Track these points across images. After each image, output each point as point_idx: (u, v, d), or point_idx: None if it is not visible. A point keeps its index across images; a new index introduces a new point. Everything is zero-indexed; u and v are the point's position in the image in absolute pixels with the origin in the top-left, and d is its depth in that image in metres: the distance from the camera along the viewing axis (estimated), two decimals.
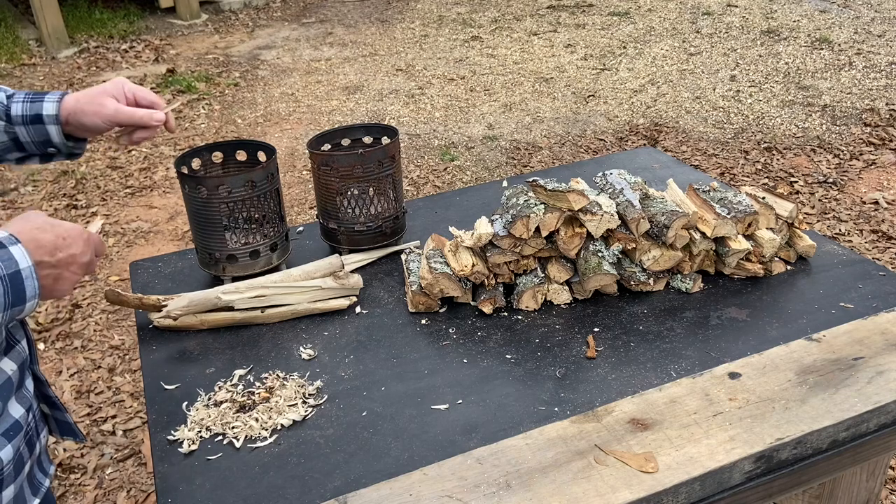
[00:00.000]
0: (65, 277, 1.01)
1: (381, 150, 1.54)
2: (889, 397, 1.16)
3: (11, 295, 0.91)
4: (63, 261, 1.01)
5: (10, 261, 0.91)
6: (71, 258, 1.02)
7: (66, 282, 1.02)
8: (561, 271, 1.43)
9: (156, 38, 6.49)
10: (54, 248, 1.00)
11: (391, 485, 1.04)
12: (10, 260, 0.91)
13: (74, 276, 1.03)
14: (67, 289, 1.03)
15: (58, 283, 1.00)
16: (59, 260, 1.00)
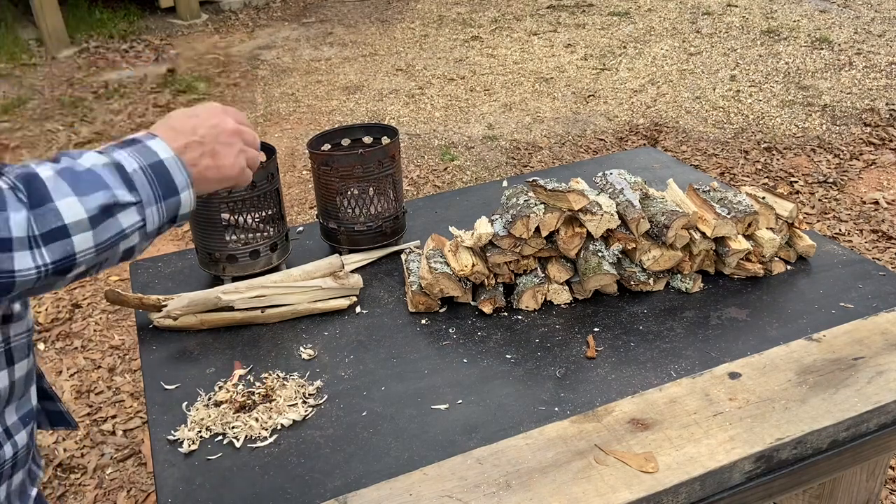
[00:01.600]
0: (221, 152, 0.95)
1: (381, 150, 1.54)
2: (889, 397, 1.16)
3: (160, 186, 0.84)
4: (209, 134, 0.95)
5: (149, 152, 0.85)
6: (214, 128, 0.96)
7: (225, 155, 0.96)
8: (561, 271, 1.43)
9: (156, 38, 6.49)
10: (193, 127, 0.95)
11: (391, 485, 1.04)
12: (148, 151, 0.85)
13: (230, 148, 0.97)
14: (232, 162, 0.97)
15: (217, 157, 0.95)
16: (205, 135, 0.94)
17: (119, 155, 0.83)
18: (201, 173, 0.93)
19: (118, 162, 0.82)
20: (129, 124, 4.78)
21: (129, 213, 0.81)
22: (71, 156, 0.82)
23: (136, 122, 4.80)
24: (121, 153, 0.84)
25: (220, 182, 0.96)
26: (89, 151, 0.83)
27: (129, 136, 0.89)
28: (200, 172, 0.93)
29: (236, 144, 0.98)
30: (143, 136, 0.89)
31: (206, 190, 0.96)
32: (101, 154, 0.83)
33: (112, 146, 0.86)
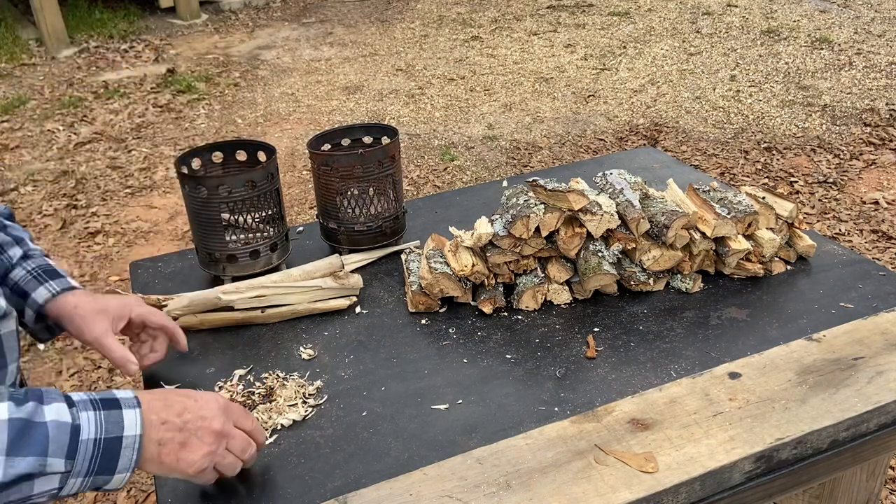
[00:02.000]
0: (192, 445, 0.92)
1: (381, 150, 1.54)
2: (889, 397, 1.16)
3: (99, 462, 0.83)
4: (191, 423, 0.93)
5: (117, 426, 0.85)
6: (201, 420, 0.93)
7: (193, 450, 0.92)
8: (561, 271, 1.43)
9: (156, 38, 6.49)
10: (183, 408, 0.93)
11: (391, 485, 1.04)
12: (116, 425, 0.85)
13: (205, 446, 0.93)
14: (196, 460, 0.93)
15: (184, 449, 0.92)
16: (186, 421, 0.92)
17: (85, 416, 0.83)
18: (160, 455, 0.91)
19: (77, 425, 0.82)
20: (129, 124, 4.78)
21: (49, 479, 0.81)
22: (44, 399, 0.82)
23: (136, 122, 4.80)
24: (88, 415, 0.84)
25: (171, 471, 0.93)
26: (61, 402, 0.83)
27: (117, 394, 0.89)
28: (160, 454, 0.91)
29: (210, 446, 0.95)
30: (128, 399, 0.89)
31: (156, 473, 0.94)
32: (70, 408, 0.83)
33: (91, 399, 0.86)
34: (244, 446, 1.00)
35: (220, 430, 0.96)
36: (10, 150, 4.47)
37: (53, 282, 1.19)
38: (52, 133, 4.69)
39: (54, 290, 1.18)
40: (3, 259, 1.19)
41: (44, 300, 1.17)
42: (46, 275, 1.19)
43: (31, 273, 1.19)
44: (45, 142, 4.57)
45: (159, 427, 0.91)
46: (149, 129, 4.74)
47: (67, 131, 4.71)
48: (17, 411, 0.80)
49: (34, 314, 1.18)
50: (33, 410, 0.81)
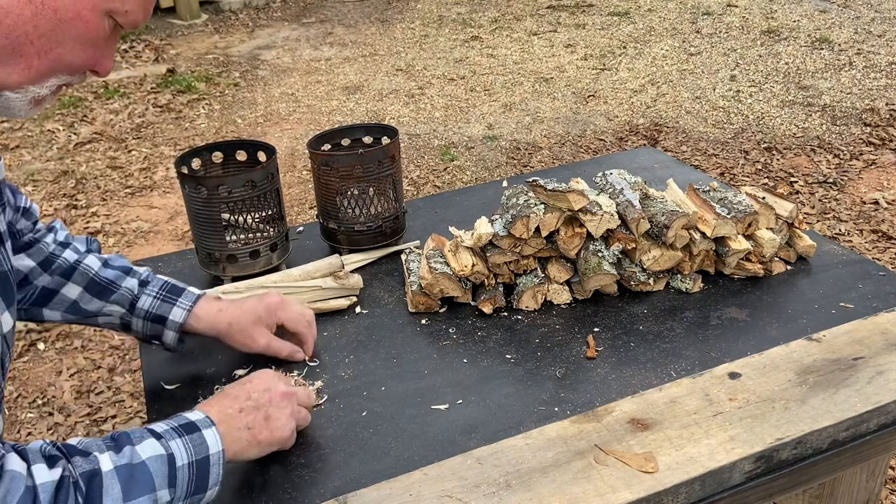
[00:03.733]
0: (274, 414, 1.02)
1: (381, 150, 1.54)
2: (889, 397, 1.16)
3: (195, 483, 0.90)
4: (262, 398, 1.02)
5: (202, 445, 0.92)
6: (266, 391, 1.03)
7: (278, 417, 1.02)
8: (561, 271, 1.43)
9: (156, 38, 6.49)
10: (246, 393, 1.02)
11: (391, 485, 1.04)
12: (201, 445, 0.92)
13: (283, 411, 1.03)
14: (285, 423, 1.03)
15: (271, 420, 1.01)
16: (258, 400, 1.02)
17: (175, 445, 0.90)
18: (255, 437, 0.99)
19: (171, 454, 0.89)
20: (129, 124, 4.78)
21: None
22: (133, 439, 0.88)
23: (136, 122, 4.80)
24: (177, 443, 0.90)
25: (271, 445, 1.02)
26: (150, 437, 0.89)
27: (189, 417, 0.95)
28: (254, 436, 0.99)
29: (288, 407, 1.05)
30: (202, 419, 0.95)
31: (255, 455, 1.01)
32: (159, 441, 0.89)
33: (172, 427, 0.92)
34: (307, 395, 1.13)
35: (287, 391, 1.06)
36: (10, 150, 4.47)
37: (181, 298, 1.25)
38: (52, 133, 4.69)
39: (187, 306, 1.24)
40: (124, 292, 1.24)
41: (182, 319, 1.24)
42: (172, 294, 1.25)
43: (159, 297, 1.25)
44: (45, 142, 4.57)
45: (239, 416, 0.99)
46: (149, 129, 4.74)
47: (67, 131, 4.71)
48: (119, 458, 0.85)
49: (176, 334, 1.25)
50: (131, 453, 0.86)
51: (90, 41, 0.89)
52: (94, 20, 0.88)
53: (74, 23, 0.86)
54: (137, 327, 1.26)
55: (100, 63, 0.93)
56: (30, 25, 0.83)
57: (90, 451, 0.85)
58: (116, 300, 1.24)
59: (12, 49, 0.84)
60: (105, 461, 0.84)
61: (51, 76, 0.89)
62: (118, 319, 1.25)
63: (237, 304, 1.27)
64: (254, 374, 1.08)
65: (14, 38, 0.83)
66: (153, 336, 1.27)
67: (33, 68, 0.86)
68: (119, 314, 1.24)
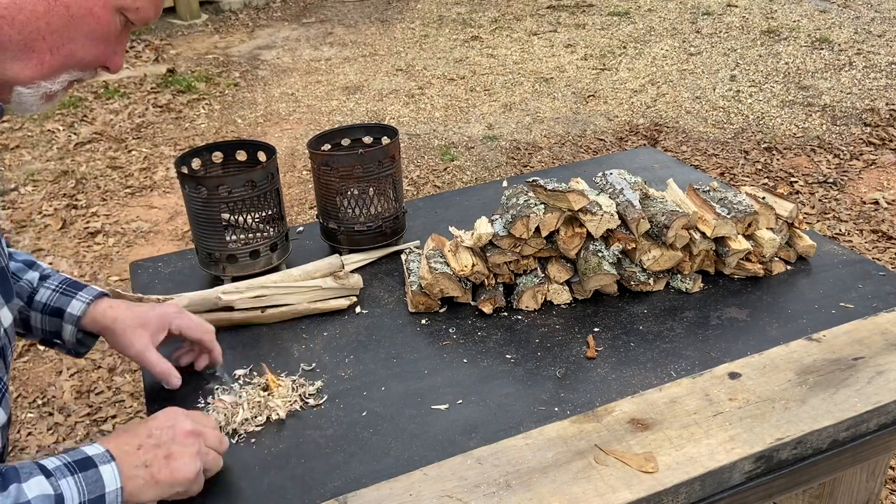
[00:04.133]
0: (176, 453, 0.95)
1: (381, 150, 1.54)
2: (889, 397, 1.16)
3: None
4: (164, 435, 0.96)
5: (97, 484, 0.88)
6: (170, 429, 0.97)
7: (180, 456, 0.96)
8: (561, 271, 1.43)
9: (156, 38, 6.49)
10: (147, 429, 0.97)
11: (391, 485, 1.04)
12: (97, 483, 0.88)
13: (189, 448, 0.97)
14: (188, 462, 0.96)
15: (172, 459, 0.95)
16: (159, 437, 0.96)
17: (66, 484, 0.85)
18: (153, 476, 0.93)
19: (60, 494, 0.84)
20: (129, 124, 4.78)
21: None
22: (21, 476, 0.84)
23: (136, 122, 4.80)
24: (68, 482, 0.86)
25: (171, 486, 0.95)
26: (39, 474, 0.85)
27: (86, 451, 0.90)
28: (152, 475, 0.93)
29: (193, 446, 0.98)
30: (100, 454, 0.90)
31: (153, 496, 0.94)
32: (49, 479, 0.85)
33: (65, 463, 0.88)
34: (218, 437, 1.04)
35: (193, 430, 0.99)
36: (10, 150, 4.47)
37: (81, 292, 1.19)
38: (52, 133, 4.69)
39: (87, 299, 1.18)
40: (24, 284, 1.19)
41: (80, 312, 1.18)
42: (73, 288, 1.20)
43: (58, 290, 1.19)
44: (45, 142, 4.57)
45: (137, 453, 0.94)
46: (149, 129, 4.74)
47: (67, 131, 4.71)
48: (4, 498, 0.81)
49: (74, 328, 1.18)
50: (17, 493, 0.82)
51: (101, 37, 0.90)
52: (106, 16, 0.88)
53: (86, 19, 0.87)
54: (36, 322, 1.19)
55: (110, 59, 0.93)
56: (42, 21, 0.84)
57: None
58: (16, 292, 1.16)
59: (25, 45, 0.84)
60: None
61: (62, 72, 0.89)
62: (17, 314, 1.17)
63: (128, 305, 1.19)
64: (160, 412, 1.02)
65: (27, 33, 0.84)
66: (52, 333, 1.19)
67: (45, 64, 0.86)
68: (17, 307, 1.17)
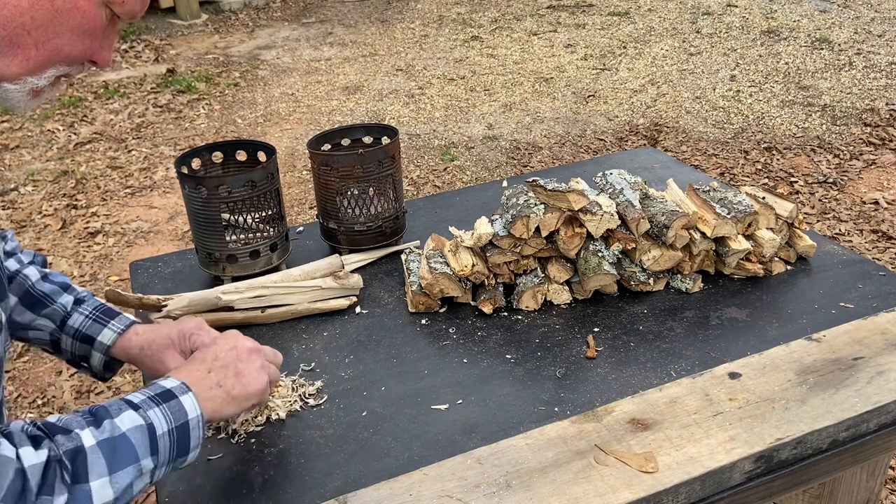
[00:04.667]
0: (244, 370, 1.02)
1: (381, 150, 1.54)
2: (889, 397, 1.16)
3: (177, 448, 0.91)
4: (229, 356, 1.03)
5: (180, 412, 0.92)
6: (233, 349, 1.03)
7: (249, 372, 1.02)
8: (561, 271, 1.43)
9: (156, 38, 6.49)
10: (213, 354, 1.03)
11: (391, 485, 1.04)
12: (179, 411, 0.92)
13: (252, 364, 1.03)
14: (257, 376, 1.03)
15: (242, 376, 1.01)
16: (224, 358, 1.02)
17: (153, 414, 0.90)
18: (228, 393, 0.99)
19: (151, 423, 0.89)
20: (129, 124, 4.78)
21: (144, 478, 0.88)
22: (112, 412, 0.88)
23: (136, 122, 4.80)
24: (155, 412, 0.90)
25: (247, 399, 1.01)
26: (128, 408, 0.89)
27: (164, 385, 0.95)
28: (227, 392, 0.99)
29: (257, 361, 1.04)
30: (177, 386, 0.95)
31: (233, 412, 1.01)
32: (137, 411, 0.89)
33: (149, 396, 0.92)
34: (274, 352, 1.12)
35: (254, 347, 1.06)
36: (10, 150, 4.47)
37: (114, 321, 1.21)
38: (52, 133, 4.69)
39: (118, 329, 1.20)
40: (57, 308, 1.20)
41: (111, 341, 1.20)
42: (105, 315, 1.21)
43: (91, 317, 1.21)
44: (45, 142, 4.57)
45: (209, 376, 0.99)
46: (149, 129, 4.74)
47: (67, 131, 4.71)
48: (100, 433, 0.85)
49: (103, 356, 1.21)
50: (111, 427, 0.86)
51: (88, 31, 0.89)
52: (91, 10, 0.88)
53: (72, 13, 0.86)
54: (66, 346, 1.21)
55: (98, 53, 0.93)
56: (27, 16, 0.84)
57: (71, 428, 0.85)
58: (48, 314, 1.19)
59: (10, 40, 0.84)
60: (87, 437, 0.84)
61: (49, 67, 0.89)
62: (48, 335, 1.21)
63: (151, 329, 1.21)
64: (217, 336, 1.08)
65: (11, 28, 0.83)
66: (81, 357, 1.22)
67: (31, 59, 0.86)
68: (49, 329, 1.20)
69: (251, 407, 1.03)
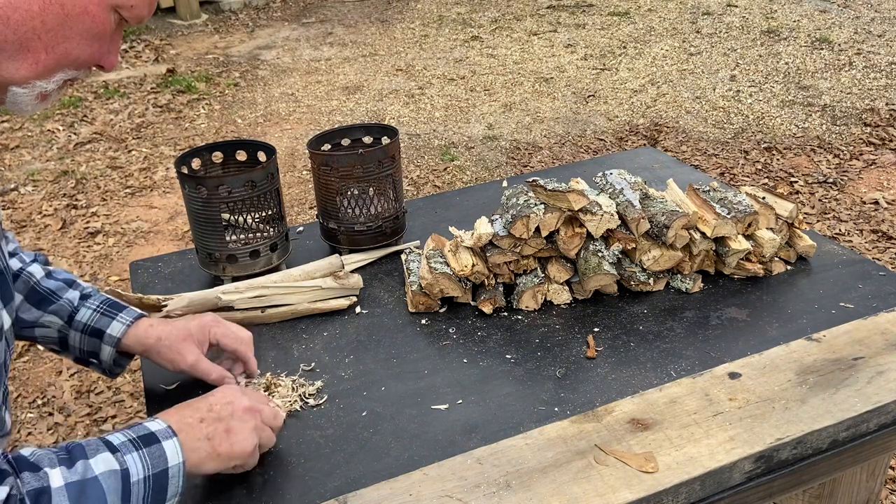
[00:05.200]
0: (235, 427, 0.99)
1: (381, 150, 1.54)
2: (889, 397, 1.16)
3: (152, 496, 0.88)
4: (224, 411, 0.99)
5: (161, 458, 0.90)
6: (229, 405, 1.00)
7: (239, 430, 0.99)
8: (561, 271, 1.43)
9: (156, 38, 6.49)
10: (208, 405, 1.00)
11: (391, 485, 1.04)
12: (160, 458, 0.90)
13: (247, 423, 1.00)
14: (247, 436, 0.99)
15: (232, 434, 0.98)
16: (219, 412, 0.99)
17: (131, 459, 0.88)
18: (214, 448, 0.97)
19: (126, 468, 0.86)
20: (129, 124, 4.78)
21: None
22: (88, 453, 0.85)
23: (136, 122, 4.80)
24: (133, 457, 0.88)
25: (230, 458, 0.98)
26: (105, 450, 0.87)
27: (149, 427, 0.93)
28: (213, 447, 0.97)
29: (251, 421, 1.02)
30: (162, 430, 0.93)
31: (213, 469, 0.98)
32: (114, 455, 0.87)
33: (130, 439, 0.90)
34: (273, 414, 1.07)
35: (251, 406, 1.03)
36: (10, 150, 4.47)
37: (122, 314, 1.20)
38: (52, 133, 4.69)
39: (127, 321, 1.19)
40: (64, 304, 1.20)
41: (120, 333, 1.19)
42: (113, 309, 1.21)
43: (98, 310, 1.20)
44: (45, 142, 4.57)
45: (199, 426, 0.97)
46: (149, 129, 4.74)
47: (67, 131, 4.71)
48: (71, 474, 0.83)
49: (113, 349, 1.20)
50: (84, 469, 0.84)
51: (96, 36, 0.90)
52: (101, 15, 0.89)
53: (81, 17, 0.87)
54: (74, 342, 1.20)
55: (105, 58, 0.93)
56: (38, 20, 0.84)
57: (41, 465, 0.83)
58: (55, 311, 1.19)
59: (20, 44, 0.84)
60: (55, 477, 0.82)
61: (58, 71, 0.89)
62: (56, 332, 1.20)
63: (168, 321, 1.21)
64: (217, 389, 1.05)
65: (22, 33, 0.84)
66: (90, 353, 1.21)
67: (41, 63, 0.87)
68: (57, 326, 1.19)
69: (234, 467, 1.00)
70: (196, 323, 1.20)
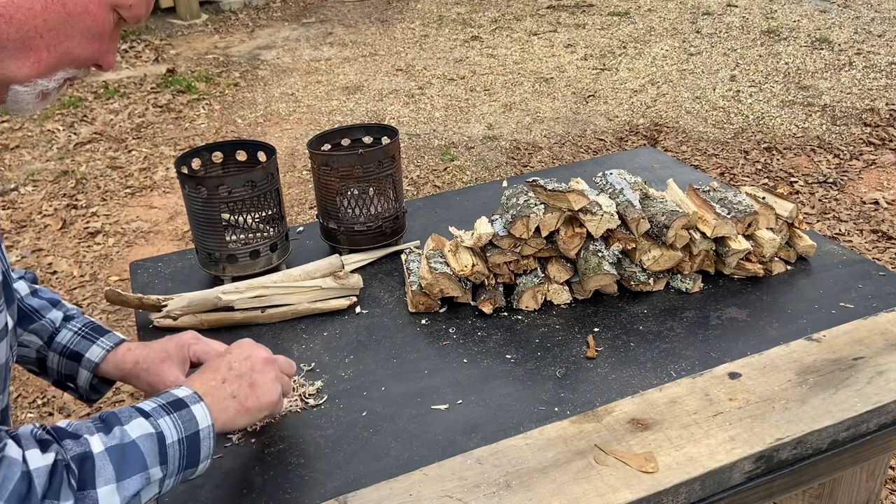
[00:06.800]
0: (258, 380, 1.02)
1: (381, 150, 1.54)
2: (889, 397, 1.16)
3: (186, 458, 0.91)
4: (244, 366, 1.03)
5: (191, 421, 0.92)
6: (247, 359, 1.04)
7: (263, 383, 1.02)
8: (561, 271, 1.43)
9: (156, 38, 6.49)
10: (227, 363, 1.03)
11: (391, 485, 1.04)
12: (190, 421, 0.92)
13: (267, 375, 1.03)
14: (271, 388, 1.02)
15: (256, 387, 1.01)
16: (239, 368, 1.02)
17: (164, 423, 0.90)
18: (242, 404, 0.99)
19: (161, 431, 0.89)
20: (129, 124, 4.78)
21: (152, 487, 0.88)
22: (122, 419, 0.88)
23: (136, 122, 4.80)
24: (165, 420, 0.90)
25: (260, 410, 1.01)
26: (139, 416, 0.89)
27: (176, 394, 0.95)
28: (241, 403, 0.99)
29: (271, 372, 1.04)
30: (189, 396, 0.95)
31: (245, 423, 1.01)
32: (147, 419, 0.89)
33: (160, 405, 0.92)
34: (288, 362, 1.11)
35: (268, 357, 1.06)
36: (10, 150, 4.47)
37: (103, 338, 1.19)
38: (52, 133, 4.69)
39: (107, 346, 1.18)
40: (45, 323, 1.19)
41: (99, 358, 1.17)
42: (95, 332, 1.20)
43: (79, 333, 1.19)
44: (45, 142, 4.57)
45: (223, 386, 0.99)
46: (149, 129, 4.74)
47: (67, 131, 4.71)
48: (109, 439, 0.85)
49: (90, 374, 1.18)
50: (121, 434, 0.86)
51: (97, 35, 0.91)
52: (101, 14, 0.90)
53: (82, 17, 0.88)
54: (52, 364, 1.18)
55: (104, 57, 0.94)
56: (39, 19, 0.85)
57: (80, 433, 0.85)
58: (36, 330, 1.17)
59: (22, 43, 0.85)
60: (96, 443, 0.84)
61: (59, 69, 0.90)
62: (34, 353, 1.18)
63: (145, 344, 1.19)
64: (233, 345, 1.07)
65: (24, 32, 0.85)
66: (67, 376, 1.19)
67: (42, 62, 0.88)
68: (36, 346, 1.17)
69: (263, 418, 1.03)
70: (174, 343, 1.18)
